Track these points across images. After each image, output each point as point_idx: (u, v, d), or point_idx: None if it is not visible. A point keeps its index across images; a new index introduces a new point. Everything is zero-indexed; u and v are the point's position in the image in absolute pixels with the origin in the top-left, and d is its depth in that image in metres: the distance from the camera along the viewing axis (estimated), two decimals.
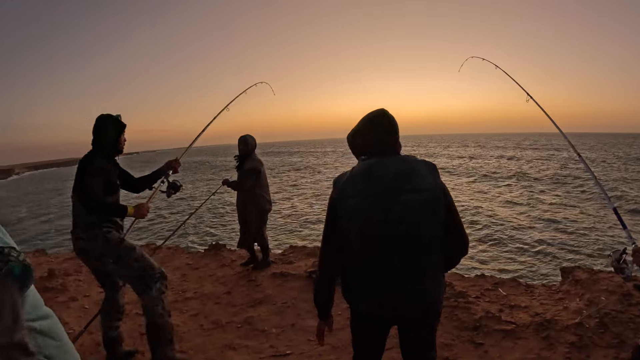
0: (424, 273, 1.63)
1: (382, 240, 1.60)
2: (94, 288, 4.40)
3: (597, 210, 16.42)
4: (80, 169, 2.65)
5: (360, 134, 1.76)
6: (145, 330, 2.73)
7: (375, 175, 1.62)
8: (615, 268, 2.65)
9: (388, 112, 1.74)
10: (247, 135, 4.72)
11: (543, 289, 4.02)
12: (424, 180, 1.60)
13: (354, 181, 1.64)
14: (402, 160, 1.65)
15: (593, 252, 11.19)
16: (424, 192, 1.58)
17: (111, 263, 2.62)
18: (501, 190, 23.25)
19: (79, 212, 2.62)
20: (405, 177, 1.59)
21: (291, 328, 3.38)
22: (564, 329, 3.06)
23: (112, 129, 2.73)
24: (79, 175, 2.62)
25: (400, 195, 1.58)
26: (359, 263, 1.66)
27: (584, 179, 24.95)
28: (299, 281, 4.30)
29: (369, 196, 1.60)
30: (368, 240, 1.62)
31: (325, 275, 1.78)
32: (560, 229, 13.89)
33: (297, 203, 21.87)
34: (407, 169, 1.61)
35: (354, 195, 1.62)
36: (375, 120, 1.72)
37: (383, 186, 1.60)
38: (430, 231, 1.60)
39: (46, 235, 18.97)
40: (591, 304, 3.34)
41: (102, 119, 2.72)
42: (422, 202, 1.58)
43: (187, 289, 4.34)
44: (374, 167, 1.63)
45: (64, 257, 5.66)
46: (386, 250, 1.61)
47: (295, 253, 5.44)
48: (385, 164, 1.63)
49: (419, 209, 1.58)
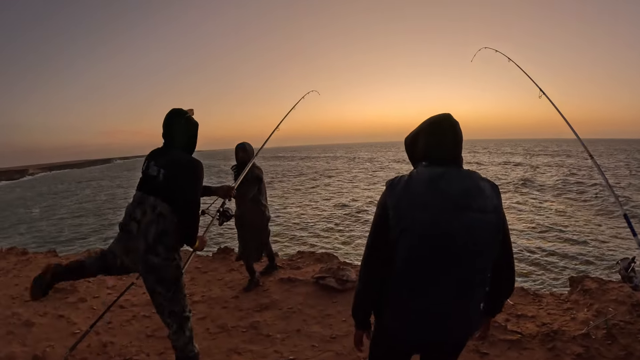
0: (471, 304, 1.50)
1: (435, 262, 1.44)
2: (103, 289, 4.48)
3: (607, 218, 16.18)
4: (188, 170, 2.32)
5: (425, 136, 1.59)
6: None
7: (440, 187, 1.44)
8: (624, 277, 2.62)
9: (451, 116, 1.59)
10: (245, 142, 4.56)
11: (551, 298, 3.98)
12: (490, 201, 1.45)
13: (415, 189, 1.46)
14: (468, 176, 1.49)
15: (602, 260, 11.01)
16: (490, 214, 1.44)
17: (167, 292, 2.36)
18: (509, 196, 23.02)
19: (168, 225, 2.28)
20: (473, 195, 1.44)
21: (296, 334, 3.40)
22: (570, 340, 3.04)
23: (195, 127, 2.50)
24: (185, 179, 2.30)
25: (465, 214, 1.42)
26: (402, 282, 1.49)
27: (592, 185, 24.64)
28: (306, 287, 4.32)
29: (430, 210, 1.42)
30: (418, 260, 1.45)
31: (365, 288, 1.60)
32: (568, 236, 13.68)
33: (307, 208, 21.86)
34: (473, 185, 1.46)
35: (413, 205, 1.44)
36: (443, 124, 1.57)
37: (448, 201, 1.42)
38: (488, 258, 1.47)
39: (59, 236, 19.23)
40: (599, 314, 3.31)
41: (188, 116, 2.45)
42: (486, 225, 1.44)
43: (195, 292, 4.38)
44: (440, 178, 1.46)
45: (74, 259, 5.73)
46: (437, 272, 1.45)
47: (303, 258, 5.45)
48: (451, 175, 1.47)
49: (483, 231, 1.43)
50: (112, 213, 25.13)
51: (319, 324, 3.54)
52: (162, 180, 2.28)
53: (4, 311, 3.93)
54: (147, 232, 2.26)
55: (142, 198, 2.32)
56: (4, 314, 3.87)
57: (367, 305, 1.63)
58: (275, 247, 12.47)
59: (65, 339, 3.38)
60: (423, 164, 1.56)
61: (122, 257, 2.40)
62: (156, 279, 2.32)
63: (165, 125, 2.43)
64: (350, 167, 52.65)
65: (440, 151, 1.54)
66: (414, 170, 1.55)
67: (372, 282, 1.57)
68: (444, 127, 1.56)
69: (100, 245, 14.80)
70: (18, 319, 3.73)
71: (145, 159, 2.46)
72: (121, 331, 3.53)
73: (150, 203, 2.28)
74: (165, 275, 2.33)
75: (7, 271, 5.22)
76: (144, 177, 2.39)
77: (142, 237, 2.27)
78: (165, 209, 2.27)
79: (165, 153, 2.39)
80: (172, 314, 2.41)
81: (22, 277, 4.93)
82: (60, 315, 3.84)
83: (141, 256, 2.28)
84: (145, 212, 2.28)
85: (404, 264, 1.47)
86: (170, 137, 2.43)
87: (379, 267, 1.54)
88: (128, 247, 2.34)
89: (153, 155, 2.42)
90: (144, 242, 2.27)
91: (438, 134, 1.56)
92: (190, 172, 2.32)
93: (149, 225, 2.26)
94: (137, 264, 2.35)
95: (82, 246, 15.15)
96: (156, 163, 2.35)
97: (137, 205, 2.32)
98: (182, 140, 2.43)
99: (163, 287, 2.34)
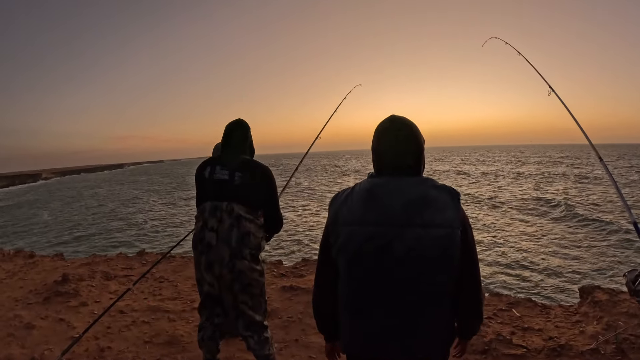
0: (422, 324, 1.33)
1: (374, 282, 1.31)
2: (105, 294, 4.48)
3: (616, 227, 15.86)
4: (266, 173, 2.37)
5: (373, 149, 1.44)
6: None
7: (377, 200, 1.31)
8: (630, 290, 2.50)
9: (402, 119, 1.42)
10: None
11: (560, 310, 3.86)
12: (441, 213, 1.27)
13: (352, 203, 1.34)
14: (417, 184, 1.32)
15: (612, 271, 10.78)
16: (437, 229, 1.26)
17: (252, 300, 2.32)
18: (514, 205, 22.75)
19: (249, 226, 2.26)
20: (417, 207, 1.27)
21: (294, 344, 3.34)
22: (578, 355, 2.93)
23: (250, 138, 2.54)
24: (267, 181, 2.36)
25: (405, 230, 1.26)
26: (347, 303, 1.39)
27: (601, 195, 24.23)
28: (307, 295, 4.24)
29: (366, 226, 1.29)
30: (357, 280, 1.34)
31: (317, 309, 1.54)
32: (576, 246, 13.46)
33: (314, 214, 21.81)
34: (420, 195, 1.29)
35: (349, 221, 1.32)
36: (383, 130, 1.41)
37: (386, 215, 1.28)
38: (436, 277, 1.29)
39: (67, 239, 19.45)
40: (609, 327, 3.19)
41: (245, 123, 2.50)
42: (433, 241, 1.25)
43: (196, 299, 4.33)
44: (377, 189, 1.33)
45: (80, 263, 5.76)
46: (378, 293, 1.31)
47: (307, 266, 5.37)
48: (393, 186, 1.32)
49: (428, 248, 1.25)
50: (121, 217, 25.37)
51: (318, 334, 3.45)
52: (239, 184, 2.26)
53: (6, 313, 3.95)
54: (229, 237, 2.21)
55: (214, 206, 2.25)
56: (6, 316, 3.89)
57: (326, 321, 1.55)
58: (279, 255, 12.42)
59: (64, 342, 3.36)
60: (370, 174, 1.42)
61: (205, 276, 2.28)
62: (242, 286, 2.27)
63: (229, 133, 2.45)
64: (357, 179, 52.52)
65: (384, 160, 1.39)
66: (358, 183, 1.41)
67: (322, 300, 1.50)
68: (386, 132, 1.41)
69: (108, 250, 14.91)
70: (19, 322, 3.74)
71: (204, 167, 2.40)
72: (119, 336, 3.50)
73: (226, 208, 2.23)
74: (252, 282, 2.28)
75: (13, 273, 5.26)
76: (212, 183, 2.31)
77: (225, 244, 2.21)
78: (242, 210, 2.24)
79: (232, 158, 2.36)
80: (252, 325, 2.36)
81: (28, 280, 4.96)
82: (61, 319, 3.83)
83: (226, 264, 2.21)
84: (222, 218, 2.23)
85: (345, 285, 1.38)
86: (232, 144, 2.43)
87: (328, 287, 1.46)
88: (210, 261, 2.24)
89: (215, 161, 2.38)
90: (227, 248, 2.21)
91: (380, 141, 1.41)
92: (268, 174, 2.38)
93: (229, 231, 2.21)
94: (219, 280, 2.25)
95: (89, 250, 15.25)
96: (224, 167, 2.31)
97: (210, 215, 2.24)
98: (244, 147, 2.45)
99: (248, 294, 2.30)
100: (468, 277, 1.36)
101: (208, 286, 2.30)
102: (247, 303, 2.31)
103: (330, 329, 1.56)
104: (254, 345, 2.38)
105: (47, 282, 4.73)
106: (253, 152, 2.56)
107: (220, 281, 2.26)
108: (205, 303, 2.41)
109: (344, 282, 1.39)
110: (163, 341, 3.38)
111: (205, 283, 2.30)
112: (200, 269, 2.29)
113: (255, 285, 2.31)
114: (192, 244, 2.32)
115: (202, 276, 2.30)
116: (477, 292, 1.39)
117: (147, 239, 18.52)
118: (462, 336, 1.54)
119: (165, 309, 4.04)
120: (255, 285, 2.31)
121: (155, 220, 24.09)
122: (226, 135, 2.45)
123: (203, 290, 2.35)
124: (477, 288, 1.38)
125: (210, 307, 2.41)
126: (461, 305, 1.40)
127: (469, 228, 1.33)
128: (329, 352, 1.65)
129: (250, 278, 2.27)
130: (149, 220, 23.86)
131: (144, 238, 18.90)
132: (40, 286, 4.63)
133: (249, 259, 2.25)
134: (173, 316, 3.89)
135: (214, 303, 2.39)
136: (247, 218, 2.25)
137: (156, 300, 4.31)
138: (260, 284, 2.35)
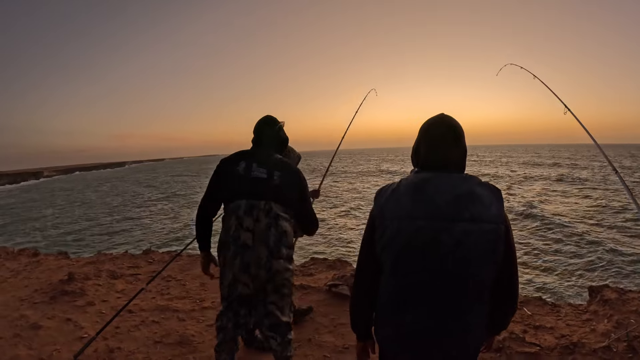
0: (463, 321, 1.36)
1: (420, 276, 1.34)
2: (112, 293, 4.44)
3: (627, 227, 15.84)
4: (299, 174, 2.37)
5: (421, 142, 1.48)
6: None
7: (426, 194, 1.33)
8: None
9: (449, 117, 1.47)
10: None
11: (570, 308, 3.85)
12: (487, 209, 1.30)
13: (399, 198, 1.37)
14: (463, 180, 1.36)
15: (622, 270, 10.77)
16: (485, 224, 1.29)
17: (281, 301, 2.30)
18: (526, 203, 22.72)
19: (286, 225, 2.26)
20: (465, 202, 1.30)
21: (307, 343, 3.31)
22: (590, 352, 2.92)
23: (286, 141, 2.58)
24: (301, 182, 2.36)
25: (454, 224, 1.29)
26: (391, 297, 1.42)
27: (610, 198, 24.17)
28: (318, 294, 4.23)
29: (414, 220, 1.32)
30: (403, 273, 1.36)
31: (357, 304, 1.56)
32: (587, 245, 13.46)
33: (324, 214, 21.74)
34: (467, 191, 1.32)
35: (397, 215, 1.35)
36: (431, 128, 1.46)
37: (435, 209, 1.31)
38: (482, 272, 1.33)
39: (71, 238, 19.43)
40: (620, 325, 3.19)
41: (280, 126, 2.50)
42: (481, 236, 1.29)
43: (205, 298, 4.32)
44: (425, 184, 1.36)
45: (85, 261, 5.73)
46: (424, 287, 1.34)
47: (316, 265, 5.36)
48: (441, 181, 1.35)
49: (475, 243, 1.29)
50: (124, 216, 25.36)
51: (331, 333, 3.45)
52: (278, 183, 2.24)
53: (11, 313, 3.91)
54: (268, 237, 2.19)
55: (250, 204, 2.20)
56: (11, 316, 3.85)
57: (363, 319, 1.57)
58: None
59: (72, 343, 3.34)
60: (415, 170, 1.48)
61: (240, 277, 2.22)
62: (274, 287, 2.25)
63: (260, 131, 2.45)
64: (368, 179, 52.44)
65: (431, 155, 1.43)
66: (403, 178, 1.44)
67: (363, 297, 1.52)
68: (434, 130, 1.45)
69: (113, 248, 14.90)
70: (25, 322, 3.70)
71: (236, 161, 2.32)
72: (129, 337, 3.47)
73: (264, 207, 2.20)
74: (285, 282, 2.28)
75: (18, 272, 5.22)
76: (249, 181, 2.25)
77: (263, 244, 2.18)
78: (280, 209, 2.23)
79: (266, 157, 2.33)
80: (277, 326, 2.30)
81: (32, 279, 4.91)
82: (68, 319, 3.79)
83: (264, 264, 2.19)
84: (259, 218, 2.19)
85: (390, 280, 1.41)
86: (264, 143, 2.43)
87: (369, 282, 1.48)
88: (247, 261, 2.19)
89: (250, 158, 2.32)
90: (265, 249, 2.18)
91: (428, 137, 1.46)
92: (300, 174, 2.38)
93: (267, 230, 2.19)
94: (254, 280, 2.21)
95: (93, 249, 15.25)
96: (261, 165, 2.28)
97: (246, 214, 2.19)
98: (275, 145, 2.47)
99: (278, 295, 2.28)
100: (508, 272, 1.39)
101: (243, 287, 2.24)
102: (276, 304, 2.29)
103: (366, 328, 1.58)
104: (276, 347, 2.32)
105: (53, 281, 4.68)
106: (287, 142, 2.58)
107: (255, 281, 2.22)
108: (233, 304, 2.33)
109: (389, 277, 1.41)
110: (174, 341, 3.35)
111: (239, 284, 2.23)
112: (233, 269, 2.22)
113: (287, 285, 2.30)
114: (221, 243, 2.26)
115: (235, 277, 2.23)
116: (516, 287, 1.44)
117: (151, 237, 18.49)
118: (494, 331, 1.58)
119: (175, 308, 4.00)
120: (287, 285, 2.30)
121: (159, 217, 24.08)
122: (257, 133, 2.45)
123: (236, 292, 2.27)
124: (515, 283, 1.44)
125: (237, 308, 2.34)
126: (499, 299, 1.44)
127: (509, 225, 1.37)
128: (361, 351, 1.66)
129: (283, 278, 2.26)
130: (152, 218, 23.85)
131: (147, 236, 18.86)
132: (46, 285, 4.59)
133: (285, 258, 2.24)
134: (183, 315, 3.85)
135: (242, 304, 2.32)
136: (284, 217, 2.24)
137: (164, 299, 4.27)
138: (290, 284, 2.35)
